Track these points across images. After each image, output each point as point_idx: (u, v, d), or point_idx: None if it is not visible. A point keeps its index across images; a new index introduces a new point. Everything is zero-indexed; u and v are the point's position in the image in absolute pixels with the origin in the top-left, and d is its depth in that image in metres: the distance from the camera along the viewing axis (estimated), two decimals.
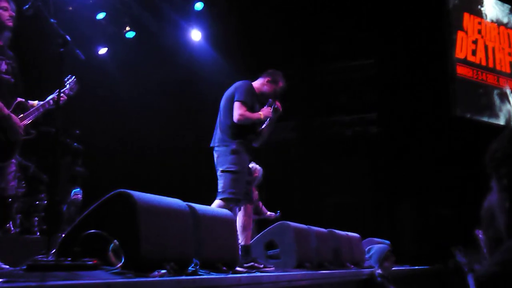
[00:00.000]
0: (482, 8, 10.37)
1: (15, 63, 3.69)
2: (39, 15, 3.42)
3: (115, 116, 9.16)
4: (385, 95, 9.89)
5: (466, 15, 10.07)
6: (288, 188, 9.31)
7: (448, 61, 9.75)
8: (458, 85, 9.73)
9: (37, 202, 6.05)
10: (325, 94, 10.28)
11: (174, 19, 9.22)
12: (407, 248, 8.59)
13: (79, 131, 7.03)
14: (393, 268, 5.75)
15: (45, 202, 6.07)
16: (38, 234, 5.75)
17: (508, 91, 10.27)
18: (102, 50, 9.24)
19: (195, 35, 9.45)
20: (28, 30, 4.54)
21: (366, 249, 6.07)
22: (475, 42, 10.09)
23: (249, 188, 4.76)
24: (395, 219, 9.37)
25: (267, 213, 7.22)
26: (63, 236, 3.03)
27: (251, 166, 6.84)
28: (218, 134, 4.73)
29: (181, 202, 3.35)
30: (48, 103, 3.80)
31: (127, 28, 9.13)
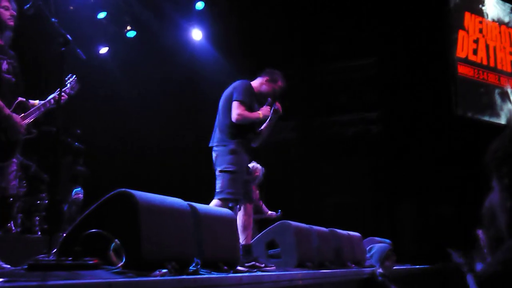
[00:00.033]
0: (483, 8, 10.36)
1: (16, 63, 3.69)
2: (40, 15, 3.43)
3: (116, 116, 9.16)
4: (386, 95, 9.88)
5: (467, 14, 10.06)
6: (289, 188, 9.31)
7: (449, 61, 9.74)
8: (459, 85, 9.72)
9: (38, 202, 6.05)
10: (325, 94, 10.27)
11: (175, 19, 9.22)
12: (408, 248, 8.58)
13: (80, 131, 7.04)
14: (394, 268, 5.75)
15: (46, 202, 6.07)
16: (39, 234, 5.76)
17: (509, 90, 10.26)
18: (103, 50, 9.25)
19: (196, 35, 9.45)
20: (29, 30, 4.54)
21: (367, 249, 6.07)
22: (476, 42, 10.08)
23: (249, 188, 4.75)
24: (396, 219, 9.36)
25: (268, 213, 7.22)
26: (64, 236, 3.03)
27: (252, 166, 6.85)
28: (217, 134, 4.72)
29: (182, 202, 3.35)
30: (49, 103, 3.80)
31: (128, 28, 9.14)
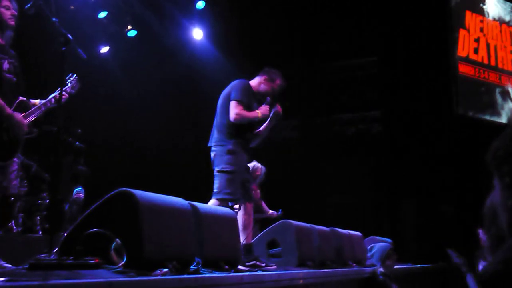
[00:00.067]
0: (484, 6, 10.34)
1: (17, 62, 3.70)
2: (41, 14, 3.43)
3: (117, 115, 9.16)
4: (386, 94, 9.87)
5: (468, 13, 10.05)
6: (290, 187, 9.30)
7: (450, 60, 9.73)
8: (460, 84, 9.71)
9: (39, 201, 6.05)
10: (326, 93, 10.26)
11: (176, 18, 9.22)
12: (409, 247, 8.58)
13: (81, 130, 7.04)
14: (395, 267, 5.74)
15: (47, 201, 6.07)
16: (40, 233, 5.76)
17: (510, 89, 10.25)
18: (104, 49, 9.25)
19: (197, 34, 9.44)
20: (30, 29, 4.55)
21: (368, 248, 6.07)
22: (477, 41, 10.07)
23: (249, 187, 4.74)
24: (397, 218, 9.35)
25: (269, 212, 7.22)
26: (65, 235, 3.03)
27: (253, 165, 6.85)
28: (215, 134, 4.72)
29: (183, 201, 3.35)
30: (50, 102, 3.80)
31: (129, 27, 9.13)
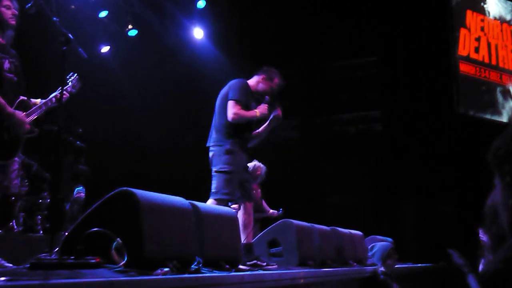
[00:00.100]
0: (485, 6, 10.33)
1: (18, 62, 3.70)
2: (42, 14, 3.43)
3: (118, 114, 9.16)
4: (387, 94, 9.86)
5: (469, 12, 10.04)
6: (291, 187, 9.30)
7: (451, 59, 9.72)
8: (461, 83, 9.70)
9: (40, 201, 6.05)
10: (327, 93, 10.26)
11: (177, 17, 9.21)
12: (410, 246, 8.57)
13: (82, 129, 7.04)
14: (396, 266, 5.74)
15: (48, 201, 6.07)
16: (41, 233, 5.76)
17: (511, 88, 10.24)
18: (105, 49, 9.25)
19: (198, 33, 9.44)
20: (31, 29, 4.55)
21: (369, 247, 6.06)
22: (478, 40, 10.06)
23: (248, 186, 4.74)
24: (398, 217, 9.35)
25: (270, 211, 7.23)
26: (66, 235, 3.03)
27: (254, 164, 6.85)
28: (213, 134, 4.72)
29: (184, 200, 3.35)
30: (51, 101, 3.80)
31: (130, 26, 9.13)
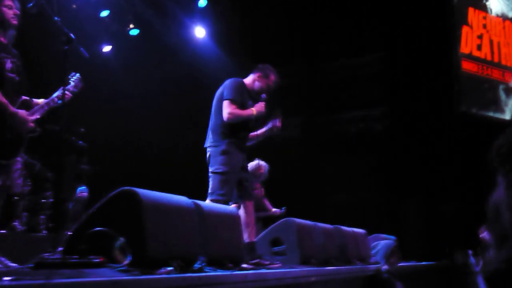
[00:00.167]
0: (487, 3, 10.30)
1: (20, 61, 3.70)
2: (43, 13, 3.43)
3: (120, 114, 9.16)
4: (390, 92, 9.85)
5: (471, 10, 10.01)
6: (294, 185, 9.29)
7: (453, 57, 9.70)
8: (463, 80, 9.67)
9: (43, 200, 6.05)
10: (329, 91, 10.23)
11: (178, 16, 9.21)
12: (413, 244, 8.56)
13: (84, 129, 7.04)
14: (399, 264, 5.74)
15: (51, 200, 6.08)
16: (45, 232, 5.77)
17: None
18: (106, 48, 9.25)
19: (199, 32, 9.43)
20: (32, 28, 4.55)
21: (372, 245, 6.06)
22: (480, 37, 10.03)
23: (247, 185, 4.75)
24: (401, 215, 9.34)
25: (273, 210, 7.24)
26: (70, 234, 3.04)
27: (256, 163, 6.85)
28: (210, 135, 4.74)
29: (187, 200, 3.35)
30: (53, 101, 3.81)
31: (131, 26, 9.14)
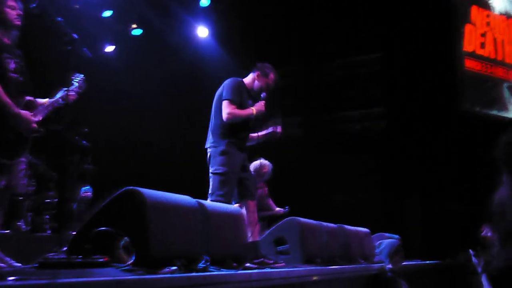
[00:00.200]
0: (490, 1, 10.26)
1: (23, 62, 3.71)
2: (46, 14, 3.44)
3: (123, 114, 9.18)
4: (391, 90, 9.83)
5: (474, 8, 9.98)
6: (297, 185, 9.29)
7: (456, 55, 9.67)
8: (467, 79, 9.65)
9: (47, 200, 6.07)
10: (330, 90, 10.22)
11: (181, 16, 9.22)
12: (417, 243, 8.55)
13: (88, 129, 7.05)
14: (403, 263, 5.73)
15: (55, 200, 6.10)
16: (49, 232, 5.79)
17: None
18: (109, 48, 9.26)
19: (202, 32, 9.43)
20: (35, 29, 4.56)
21: (376, 244, 6.06)
22: (484, 35, 9.99)
23: (249, 185, 4.75)
24: (405, 214, 9.32)
25: (276, 209, 7.24)
26: (74, 234, 3.05)
27: (260, 162, 6.85)
28: (210, 135, 4.76)
29: (191, 199, 3.35)
30: (57, 102, 3.82)
31: (134, 26, 9.15)
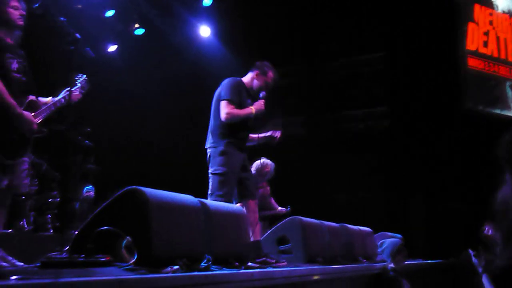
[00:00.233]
0: None
1: (26, 62, 3.72)
2: (49, 14, 3.45)
3: (126, 113, 9.19)
4: (395, 89, 9.82)
5: (477, 6, 9.96)
6: (299, 184, 9.29)
7: (459, 54, 9.66)
8: (470, 77, 9.63)
9: (50, 200, 6.09)
10: (333, 89, 10.22)
11: (183, 16, 9.22)
12: (420, 242, 8.54)
13: (90, 129, 7.07)
14: (406, 263, 5.72)
15: (58, 200, 6.11)
16: (52, 231, 5.80)
17: None
18: (112, 48, 9.27)
19: (204, 31, 9.43)
20: (38, 29, 4.56)
21: (379, 243, 6.05)
22: (487, 34, 9.97)
23: (249, 184, 4.75)
24: (407, 213, 9.31)
25: (278, 209, 7.24)
26: (76, 233, 3.05)
27: (262, 161, 6.84)
28: (209, 136, 4.78)
29: (193, 198, 3.35)
30: (59, 102, 3.83)
31: (136, 25, 9.16)
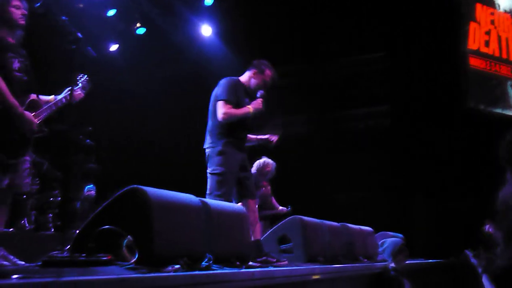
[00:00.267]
0: None
1: (28, 61, 3.72)
2: (50, 13, 3.45)
3: (127, 113, 9.20)
4: (397, 89, 9.82)
5: (479, 6, 9.95)
6: (300, 183, 9.29)
7: (461, 53, 9.65)
8: (471, 77, 9.63)
9: (51, 199, 6.09)
10: (336, 88, 10.22)
11: (184, 15, 9.22)
12: (421, 242, 8.54)
13: (92, 128, 7.08)
14: (407, 262, 5.72)
15: (59, 199, 6.12)
16: (53, 231, 5.80)
17: None
18: (113, 47, 9.28)
19: (206, 31, 9.43)
20: (40, 28, 4.57)
21: (379, 243, 6.05)
22: (488, 33, 9.96)
23: (248, 184, 4.75)
24: (408, 213, 9.31)
25: (279, 208, 7.24)
26: (78, 232, 3.05)
27: (264, 161, 6.85)
28: (207, 136, 4.78)
29: (194, 198, 3.36)
30: (61, 101, 3.83)
31: (138, 25, 9.16)
